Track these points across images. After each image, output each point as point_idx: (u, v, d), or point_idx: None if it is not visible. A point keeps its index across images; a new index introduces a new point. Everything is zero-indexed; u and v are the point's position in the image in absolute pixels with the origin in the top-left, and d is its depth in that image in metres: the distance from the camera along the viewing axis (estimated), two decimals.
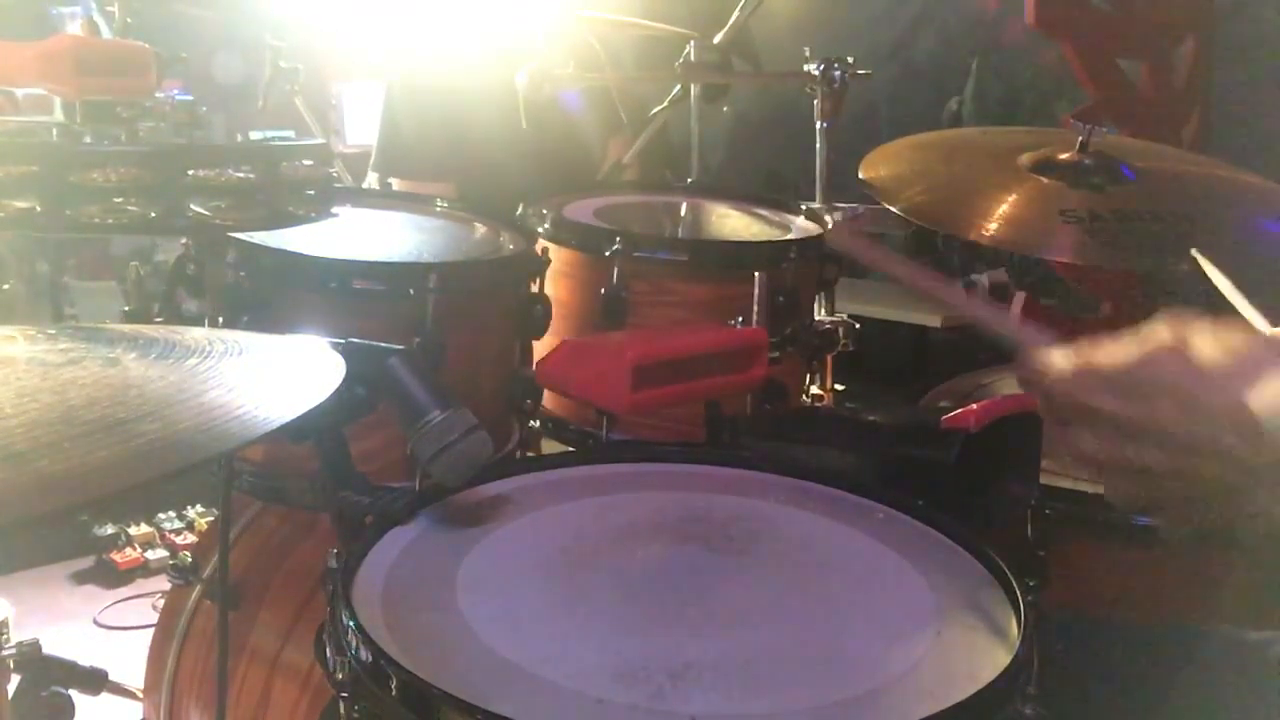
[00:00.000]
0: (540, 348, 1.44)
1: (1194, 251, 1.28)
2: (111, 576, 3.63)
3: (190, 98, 3.24)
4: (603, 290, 1.46)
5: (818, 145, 1.90)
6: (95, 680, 1.45)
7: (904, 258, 1.04)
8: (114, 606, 3.46)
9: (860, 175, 1.70)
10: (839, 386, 1.74)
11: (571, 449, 1.52)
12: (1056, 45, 3.27)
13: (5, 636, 1.37)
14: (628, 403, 1.23)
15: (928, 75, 4.45)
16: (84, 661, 1.41)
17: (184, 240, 1.40)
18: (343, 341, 1.00)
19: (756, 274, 1.47)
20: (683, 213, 1.85)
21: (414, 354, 1.06)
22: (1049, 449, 1.03)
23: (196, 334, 0.88)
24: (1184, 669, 1.05)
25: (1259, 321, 1.03)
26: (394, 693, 0.76)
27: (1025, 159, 1.64)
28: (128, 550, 3.71)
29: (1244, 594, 1.19)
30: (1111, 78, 3.22)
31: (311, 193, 1.28)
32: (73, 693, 1.34)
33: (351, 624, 0.81)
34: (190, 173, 1.18)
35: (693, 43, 2.06)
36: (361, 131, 4.43)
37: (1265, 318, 1.06)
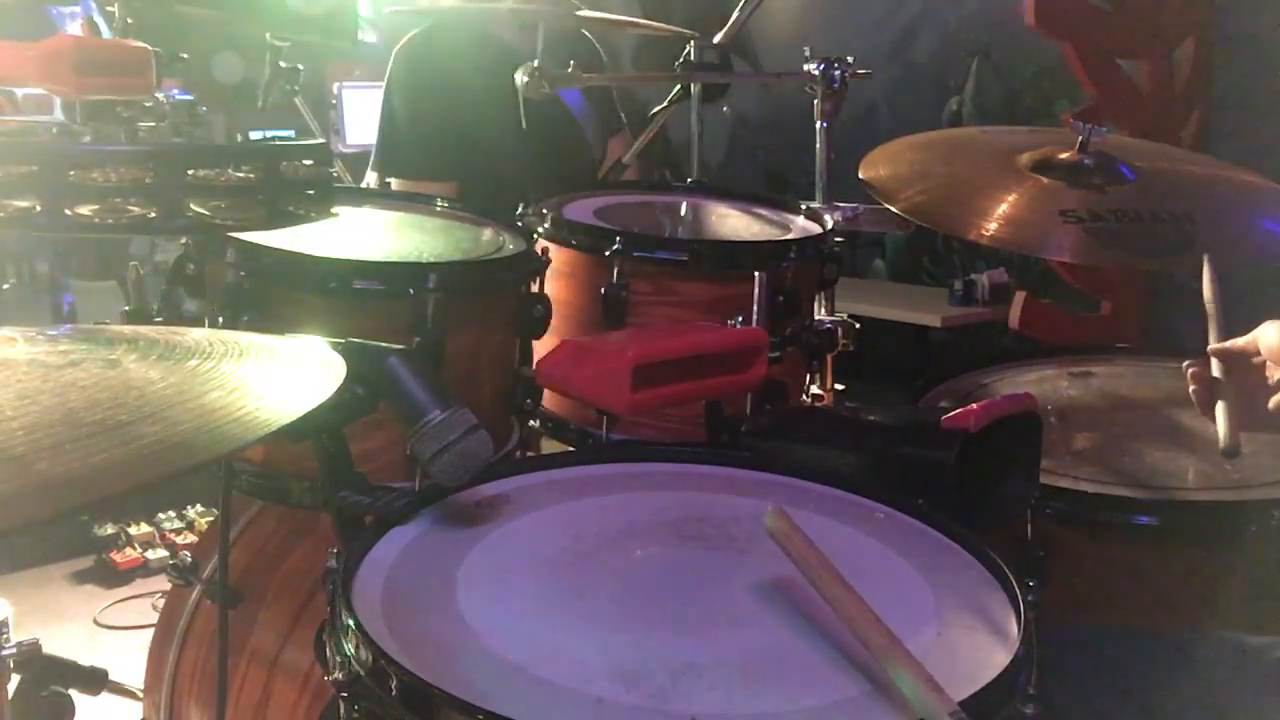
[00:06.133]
0: (540, 348, 1.44)
1: (1205, 259, 1.29)
2: (111, 576, 3.64)
3: (190, 98, 3.24)
4: (603, 290, 1.46)
5: (818, 145, 1.89)
6: (95, 680, 1.45)
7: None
8: (114, 606, 3.46)
9: (860, 175, 1.70)
10: (839, 386, 1.74)
11: (571, 449, 1.52)
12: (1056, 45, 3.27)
13: (5, 636, 1.37)
14: (628, 403, 1.23)
15: (928, 75, 4.45)
16: (84, 661, 1.41)
17: (184, 240, 1.40)
18: (343, 341, 1.00)
19: (756, 274, 1.47)
20: (683, 213, 1.85)
21: (414, 354, 1.06)
22: (1049, 449, 1.03)
23: (197, 335, 0.88)
24: (1184, 672, 1.05)
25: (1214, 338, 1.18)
26: (394, 693, 0.76)
27: (1025, 159, 1.64)
28: (128, 550, 3.71)
29: (1243, 597, 1.19)
30: (1111, 78, 3.23)
31: (311, 193, 1.28)
32: (73, 693, 1.34)
33: (351, 624, 0.81)
34: (190, 173, 1.18)
35: (693, 43, 2.06)
36: (361, 131, 4.44)
37: (1261, 323, 1.11)
